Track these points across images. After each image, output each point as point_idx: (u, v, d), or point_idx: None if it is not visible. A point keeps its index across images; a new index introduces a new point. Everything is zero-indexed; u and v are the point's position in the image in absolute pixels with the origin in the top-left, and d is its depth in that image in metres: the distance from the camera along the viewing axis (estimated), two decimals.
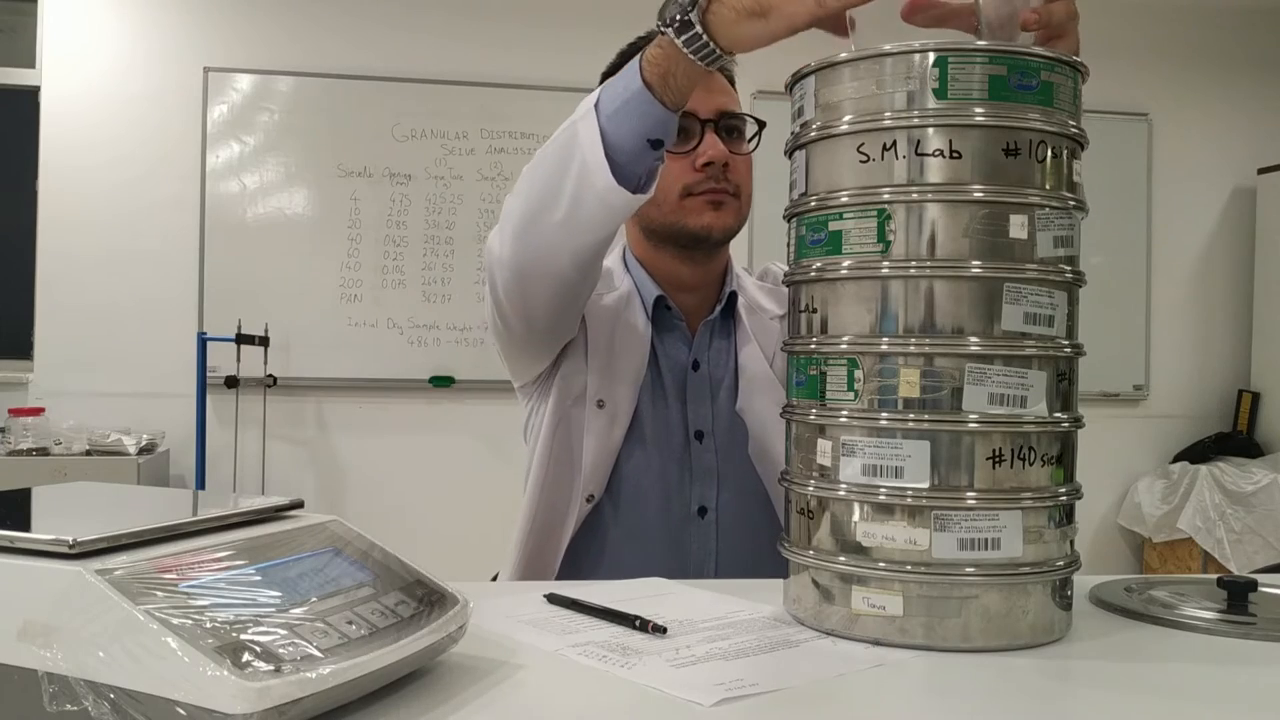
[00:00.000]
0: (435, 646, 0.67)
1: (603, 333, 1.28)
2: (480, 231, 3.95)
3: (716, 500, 1.27)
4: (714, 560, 1.26)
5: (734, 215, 1.28)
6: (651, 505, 1.26)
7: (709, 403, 1.30)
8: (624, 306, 1.30)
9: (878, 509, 0.79)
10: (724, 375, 1.31)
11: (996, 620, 0.78)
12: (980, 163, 0.78)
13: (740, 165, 1.27)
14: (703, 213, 1.25)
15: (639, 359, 1.27)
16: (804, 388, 0.85)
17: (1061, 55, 0.81)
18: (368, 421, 3.90)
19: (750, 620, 0.86)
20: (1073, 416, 0.82)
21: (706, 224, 1.25)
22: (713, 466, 1.28)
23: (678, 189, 1.24)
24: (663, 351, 1.31)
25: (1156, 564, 4.29)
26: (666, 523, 1.26)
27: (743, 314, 1.34)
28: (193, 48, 3.82)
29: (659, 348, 1.31)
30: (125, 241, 3.76)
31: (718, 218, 1.26)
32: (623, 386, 1.26)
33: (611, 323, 1.29)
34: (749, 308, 1.35)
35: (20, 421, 3.40)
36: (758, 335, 1.32)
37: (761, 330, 1.33)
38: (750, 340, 1.32)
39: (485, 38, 3.98)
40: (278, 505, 0.74)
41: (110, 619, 0.53)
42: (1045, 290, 0.80)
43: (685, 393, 1.30)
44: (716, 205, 1.25)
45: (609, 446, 1.25)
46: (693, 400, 1.30)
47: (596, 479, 1.24)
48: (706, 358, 1.32)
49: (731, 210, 1.27)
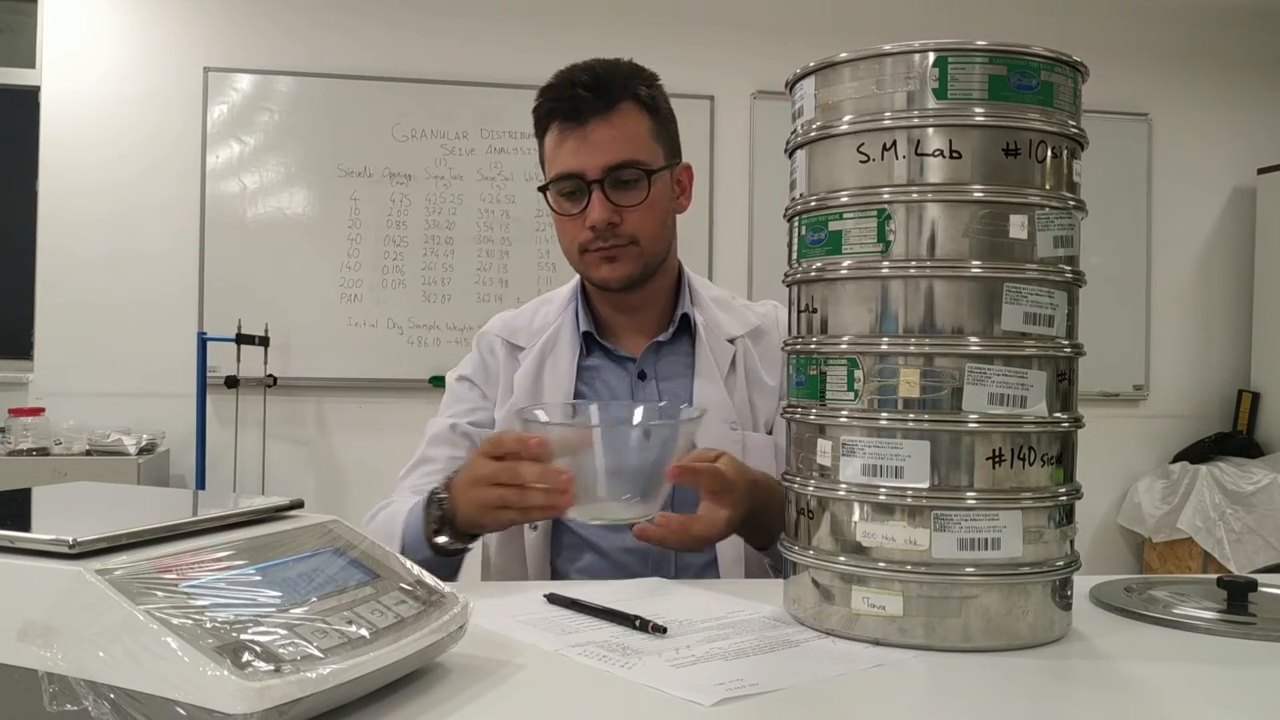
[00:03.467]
0: (435, 646, 0.67)
1: (528, 379, 1.35)
2: (480, 231, 3.95)
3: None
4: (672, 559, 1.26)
5: (632, 264, 1.31)
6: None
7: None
8: (550, 348, 1.37)
9: (878, 509, 0.79)
10: (676, 388, 1.34)
11: (996, 620, 0.78)
12: (980, 163, 0.78)
13: (633, 216, 1.29)
14: (599, 267, 1.31)
15: (565, 387, 1.33)
16: (804, 388, 0.85)
17: (1061, 55, 0.81)
18: (368, 421, 3.89)
19: (750, 620, 0.86)
20: (1073, 416, 0.82)
21: (603, 277, 1.31)
22: None
23: (575, 246, 1.31)
24: (596, 374, 1.36)
25: (1156, 564, 4.29)
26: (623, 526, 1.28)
27: (701, 332, 1.36)
28: (193, 48, 3.82)
29: (592, 371, 1.36)
30: (125, 241, 3.76)
31: (613, 270, 1.30)
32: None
33: (538, 364, 1.36)
34: (707, 326, 1.37)
35: (20, 421, 3.39)
36: (717, 357, 1.36)
37: (719, 350, 1.36)
38: (708, 359, 1.35)
39: (485, 38, 3.98)
40: (278, 505, 0.74)
41: (110, 619, 0.53)
42: (1045, 290, 0.80)
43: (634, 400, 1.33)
44: (610, 260, 1.30)
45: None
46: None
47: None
48: (655, 369, 1.36)
49: (628, 260, 1.30)
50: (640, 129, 1.30)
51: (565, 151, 1.28)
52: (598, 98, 1.27)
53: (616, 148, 1.28)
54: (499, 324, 1.44)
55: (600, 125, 1.27)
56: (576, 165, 1.27)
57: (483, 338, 1.44)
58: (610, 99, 1.28)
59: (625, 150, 1.28)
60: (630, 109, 1.29)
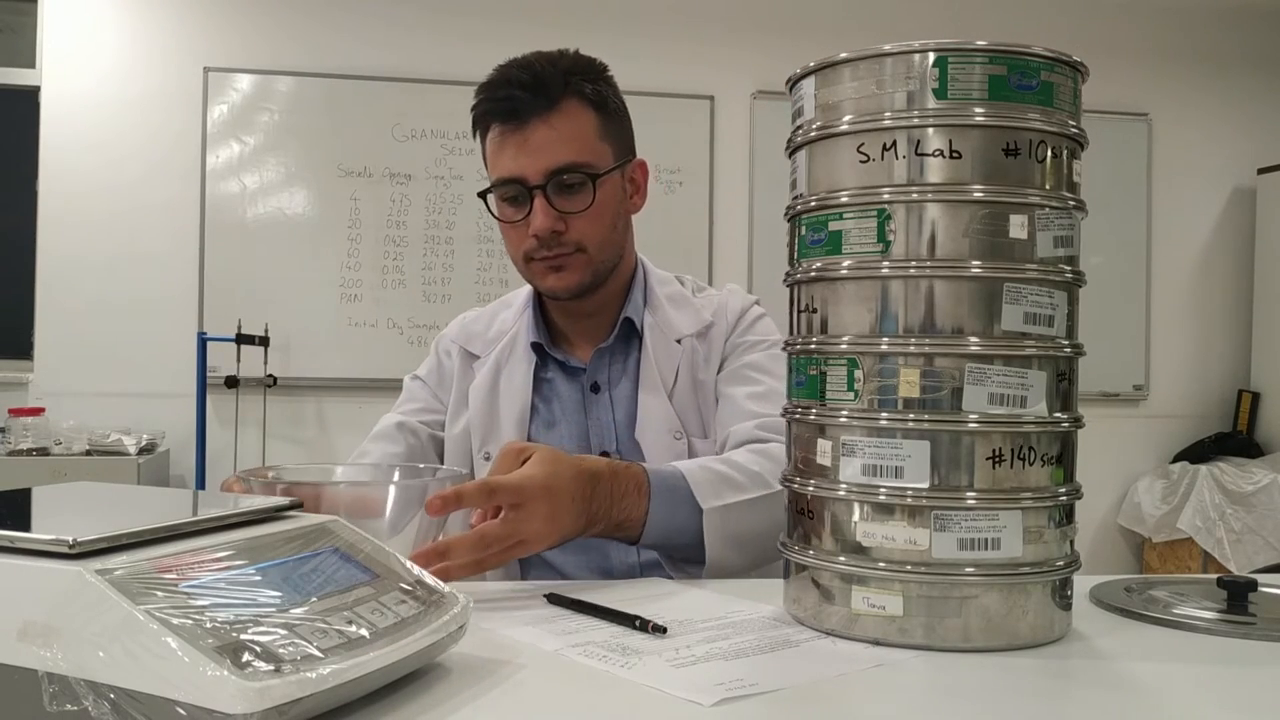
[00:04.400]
0: (435, 646, 0.67)
1: (483, 389, 1.33)
2: (480, 231, 3.95)
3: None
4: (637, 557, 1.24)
5: (580, 273, 1.26)
6: None
7: (611, 422, 1.31)
8: (505, 358, 1.34)
9: (878, 509, 0.79)
10: (625, 395, 1.31)
11: (996, 620, 0.78)
12: (980, 163, 0.78)
13: (579, 223, 1.23)
14: (546, 276, 1.27)
15: (520, 403, 1.30)
16: (804, 388, 0.85)
17: (1061, 55, 0.81)
18: (368, 421, 3.86)
19: (750, 620, 0.86)
20: (1073, 416, 0.82)
21: (550, 286, 1.28)
22: None
23: (520, 254, 1.27)
24: (551, 388, 1.33)
25: (1156, 564, 4.29)
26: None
27: (646, 336, 1.31)
28: (193, 48, 3.82)
29: (548, 384, 1.33)
30: (125, 241, 3.76)
31: (560, 279, 1.26)
32: (506, 433, 1.30)
33: (493, 376, 1.33)
34: (654, 328, 1.32)
35: (20, 421, 3.40)
36: (659, 360, 1.30)
37: (664, 354, 1.31)
38: (651, 366, 1.30)
39: (485, 38, 3.97)
40: (278, 505, 0.74)
41: (110, 619, 0.53)
42: (1045, 290, 0.80)
43: (586, 416, 1.31)
44: (557, 269, 1.25)
45: None
46: (594, 422, 1.31)
47: None
48: (606, 379, 1.32)
49: (576, 268, 1.25)
50: (585, 128, 1.23)
51: (505, 155, 1.23)
52: (536, 96, 1.20)
53: (558, 150, 1.21)
54: (457, 329, 1.42)
55: (540, 126, 1.20)
56: (516, 170, 1.22)
57: (440, 341, 1.42)
58: (551, 97, 1.21)
59: (568, 152, 1.21)
60: (574, 107, 1.22)
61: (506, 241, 1.30)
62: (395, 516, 0.94)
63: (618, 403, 1.31)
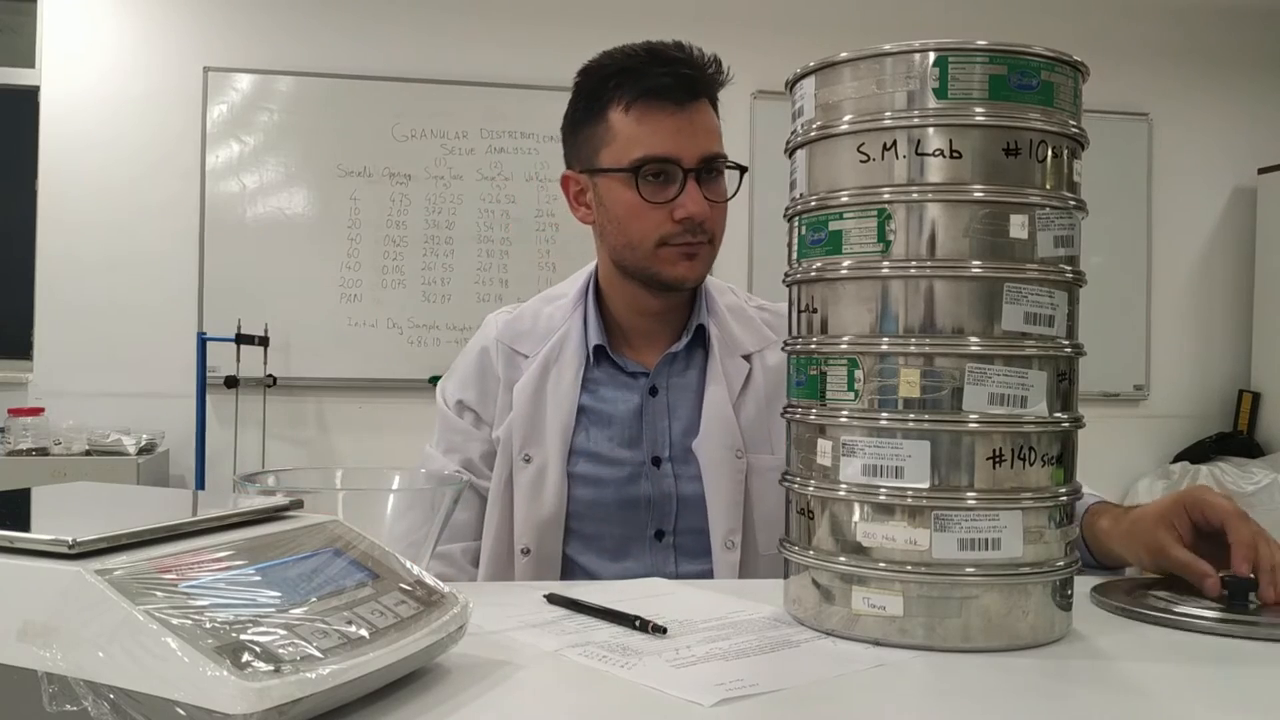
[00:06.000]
0: (435, 646, 0.66)
1: (529, 389, 1.27)
2: (480, 231, 3.95)
3: (675, 524, 1.25)
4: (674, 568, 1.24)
5: (706, 263, 1.24)
6: (606, 534, 1.25)
7: (667, 429, 1.27)
8: (555, 357, 1.28)
9: (878, 509, 0.79)
10: (685, 403, 1.27)
11: (996, 620, 0.78)
12: (980, 163, 0.78)
13: (717, 213, 1.22)
14: (677, 263, 1.21)
15: (568, 405, 1.25)
16: (804, 388, 0.85)
17: (1062, 55, 0.81)
18: (368, 421, 3.89)
19: (750, 620, 0.86)
20: (1073, 416, 0.82)
21: (680, 275, 1.22)
22: (671, 491, 1.25)
23: (654, 238, 1.20)
24: (600, 390, 1.28)
25: None
26: (623, 546, 1.25)
27: (715, 346, 1.28)
28: (193, 48, 3.81)
29: (600, 388, 1.28)
30: (125, 241, 3.76)
31: (692, 268, 1.22)
32: (551, 437, 1.25)
33: (540, 376, 1.27)
34: (721, 340, 1.29)
35: (20, 421, 3.39)
36: (728, 373, 1.27)
37: (733, 368, 1.28)
38: (720, 378, 1.26)
39: (485, 38, 3.98)
40: (278, 505, 0.74)
41: (110, 619, 0.53)
42: (1045, 290, 0.80)
43: (641, 420, 1.27)
44: (691, 256, 1.21)
45: (541, 499, 1.23)
46: (649, 427, 1.27)
47: (528, 533, 1.24)
48: (666, 384, 1.28)
49: (704, 258, 1.23)
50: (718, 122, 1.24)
51: (661, 133, 1.17)
52: (700, 80, 1.20)
53: (713, 137, 1.21)
54: (502, 327, 1.33)
55: (702, 110, 1.20)
56: (674, 149, 1.17)
57: (484, 348, 1.33)
58: (710, 84, 1.21)
59: (718, 142, 1.21)
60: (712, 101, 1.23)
61: (629, 224, 1.21)
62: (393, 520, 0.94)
63: (675, 410, 1.27)
